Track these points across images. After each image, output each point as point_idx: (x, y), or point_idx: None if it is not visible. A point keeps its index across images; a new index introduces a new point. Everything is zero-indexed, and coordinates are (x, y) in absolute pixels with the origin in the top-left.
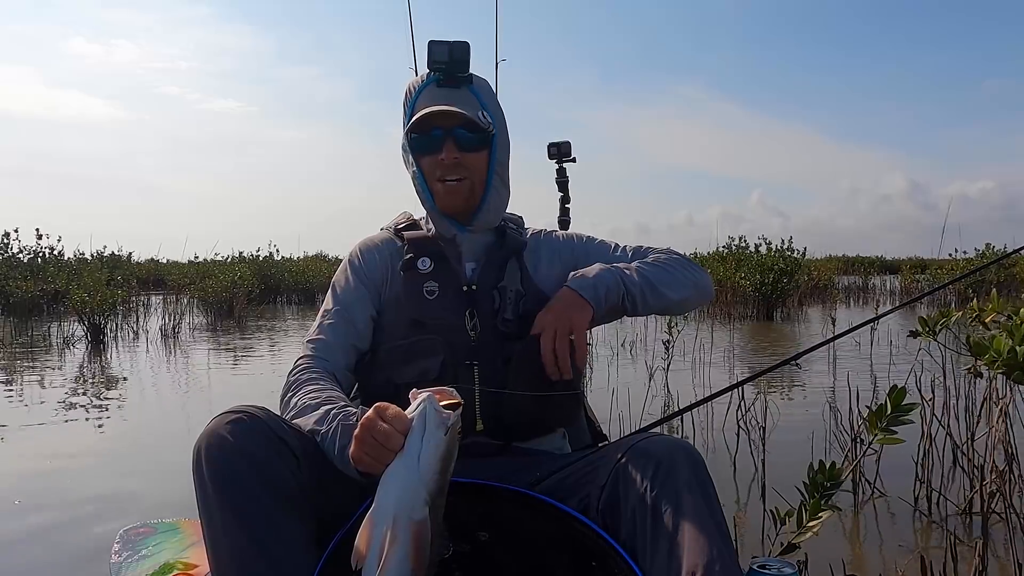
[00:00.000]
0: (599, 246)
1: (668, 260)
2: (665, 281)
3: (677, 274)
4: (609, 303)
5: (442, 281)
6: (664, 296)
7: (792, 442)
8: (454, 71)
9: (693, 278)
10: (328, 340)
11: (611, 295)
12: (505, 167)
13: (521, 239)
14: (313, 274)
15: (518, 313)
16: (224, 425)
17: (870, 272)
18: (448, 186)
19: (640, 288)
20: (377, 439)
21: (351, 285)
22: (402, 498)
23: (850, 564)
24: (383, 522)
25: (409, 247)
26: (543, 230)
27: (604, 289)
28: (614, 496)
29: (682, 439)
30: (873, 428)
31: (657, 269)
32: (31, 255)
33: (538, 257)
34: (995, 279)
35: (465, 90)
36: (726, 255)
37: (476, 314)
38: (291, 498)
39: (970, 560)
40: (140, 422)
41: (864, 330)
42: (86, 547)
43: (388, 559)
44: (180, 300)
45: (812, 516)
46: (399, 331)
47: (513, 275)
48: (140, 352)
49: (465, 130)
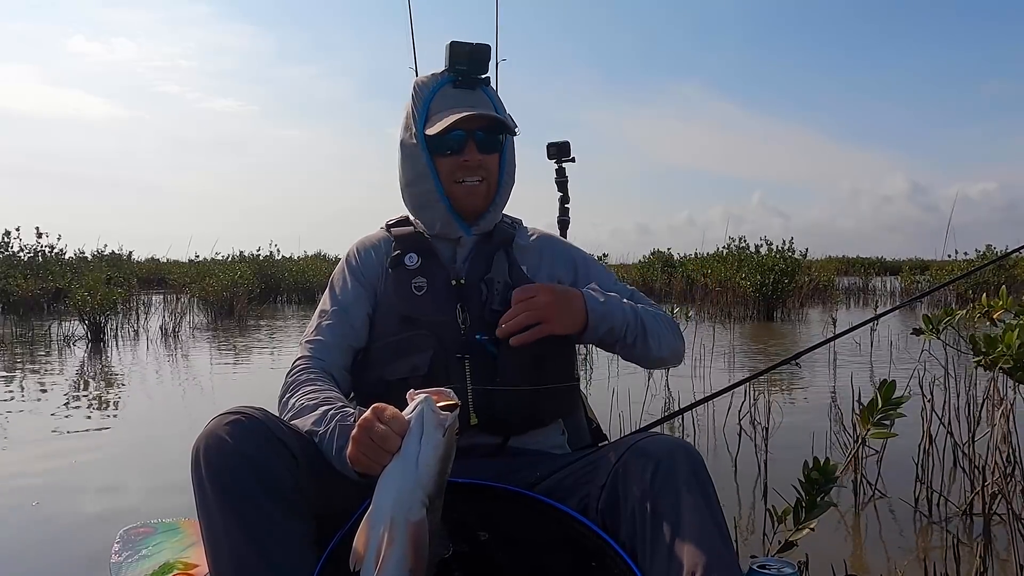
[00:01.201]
0: (601, 271)
1: (662, 317)
2: (656, 334)
3: (665, 334)
4: (599, 335)
5: (430, 276)
6: (649, 349)
7: (792, 442)
8: (474, 72)
9: (673, 345)
10: (326, 340)
11: (608, 331)
12: (514, 165)
13: (509, 231)
14: (313, 273)
15: (506, 303)
16: (222, 426)
17: (870, 273)
18: (468, 187)
19: (635, 334)
20: (374, 440)
21: (348, 285)
22: (399, 499)
23: (851, 565)
24: (380, 523)
25: (397, 244)
26: (547, 233)
27: (608, 325)
28: (614, 496)
29: (682, 439)
30: (865, 423)
31: (655, 322)
32: (31, 254)
33: (540, 256)
34: (995, 280)
35: (480, 92)
36: (726, 255)
37: (466, 308)
38: (290, 499)
39: (971, 561)
40: (140, 421)
41: (864, 331)
42: (86, 547)
43: (385, 560)
44: (180, 299)
45: (809, 513)
46: (390, 328)
47: (500, 266)
48: (140, 351)
49: (484, 132)
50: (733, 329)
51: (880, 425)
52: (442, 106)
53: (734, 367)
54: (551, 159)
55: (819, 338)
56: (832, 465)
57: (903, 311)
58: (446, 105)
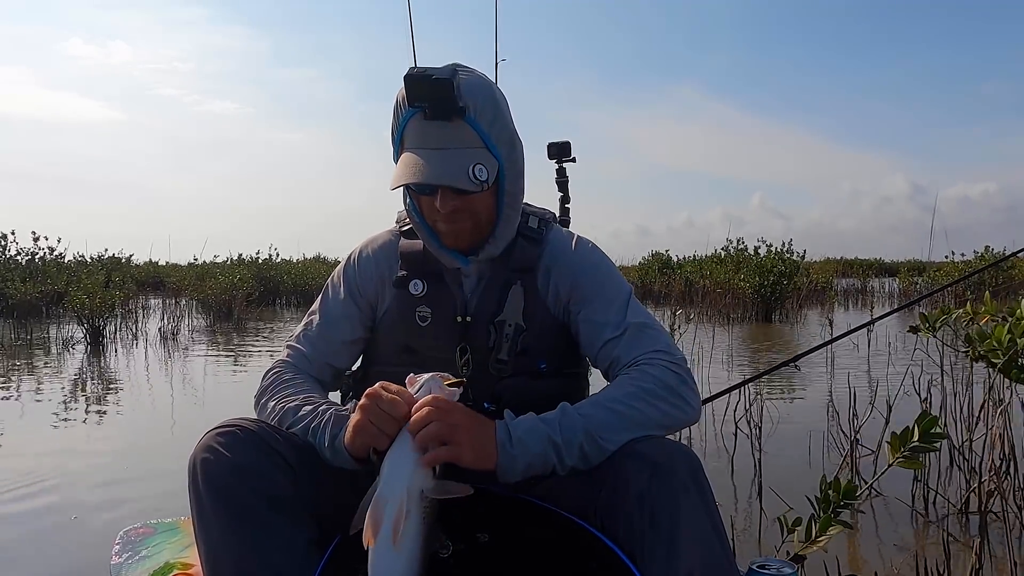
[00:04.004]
0: (599, 304)
1: (643, 391)
2: (612, 435)
3: (636, 417)
4: (516, 477)
5: (435, 307)
6: (605, 453)
7: (790, 443)
8: (439, 109)
9: (661, 419)
10: (305, 352)
11: (527, 470)
12: (517, 193)
13: (533, 254)
14: (312, 276)
15: (515, 351)
16: (217, 439)
17: (868, 274)
18: (450, 228)
19: (576, 457)
20: (382, 408)
21: (340, 297)
22: (414, 472)
23: (847, 564)
24: (393, 498)
25: (404, 263)
26: (575, 237)
27: (524, 466)
28: (612, 498)
29: (679, 441)
30: (896, 451)
31: (615, 416)
32: (29, 257)
33: (549, 273)
34: (993, 282)
35: (460, 123)
36: (725, 257)
37: (468, 349)
38: (288, 507)
39: (967, 559)
40: (139, 423)
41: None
42: (86, 548)
43: (404, 535)
44: (179, 302)
45: (822, 531)
46: (390, 355)
47: (515, 304)
48: (139, 354)
49: None
50: (732, 331)
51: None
52: (411, 143)
53: (733, 368)
54: (551, 159)
55: (818, 339)
56: (852, 486)
57: (901, 313)
58: (414, 144)
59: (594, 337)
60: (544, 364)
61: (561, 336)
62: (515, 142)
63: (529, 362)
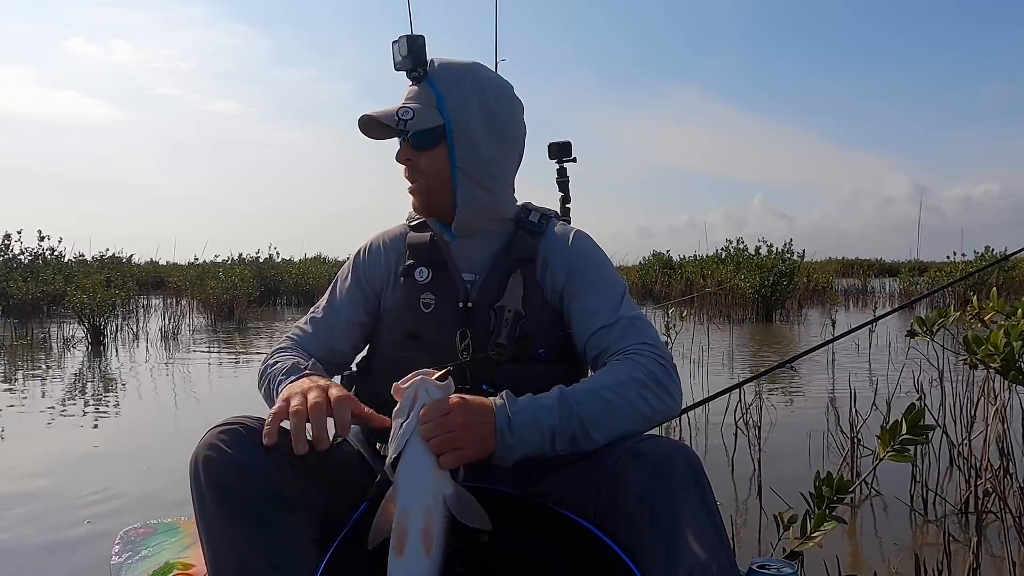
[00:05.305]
0: (593, 295)
1: (635, 381)
2: (602, 424)
3: (624, 409)
4: (512, 460)
5: (439, 294)
6: (593, 443)
7: (790, 443)
8: (409, 67)
9: (648, 413)
10: (309, 332)
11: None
12: (479, 163)
13: (532, 246)
14: (313, 276)
15: (514, 336)
16: (219, 436)
17: (869, 275)
18: (410, 189)
19: (567, 440)
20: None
21: (347, 286)
22: (434, 479)
23: (846, 563)
24: (416, 505)
25: (410, 253)
26: (566, 232)
27: (520, 450)
28: (611, 498)
29: (679, 441)
30: (885, 445)
31: (606, 406)
32: (32, 257)
33: (547, 263)
34: (995, 281)
35: (424, 86)
36: (725, 257)
37: (469, 334)
38: (291, 505)
39: (965, 558)
40: (140, 423)
41: (863, 332)
42: (86, 548)
43: (435, 542)
44: (180, 302)
45: (816, 527)
46: (394, 342)
47: (515, 291)
48: (140, 354)
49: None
50: (732, 331)
51: (900, 451)
52: None
53: (733, 368)
54: (552, 159)
55: (817, 339)
56: (845, 481)
57: (902, 312)
58: None
59: (586, 325)
60: (543, 351)
61: (559, 325)
62: (482, 118)
63: (528, 349)
